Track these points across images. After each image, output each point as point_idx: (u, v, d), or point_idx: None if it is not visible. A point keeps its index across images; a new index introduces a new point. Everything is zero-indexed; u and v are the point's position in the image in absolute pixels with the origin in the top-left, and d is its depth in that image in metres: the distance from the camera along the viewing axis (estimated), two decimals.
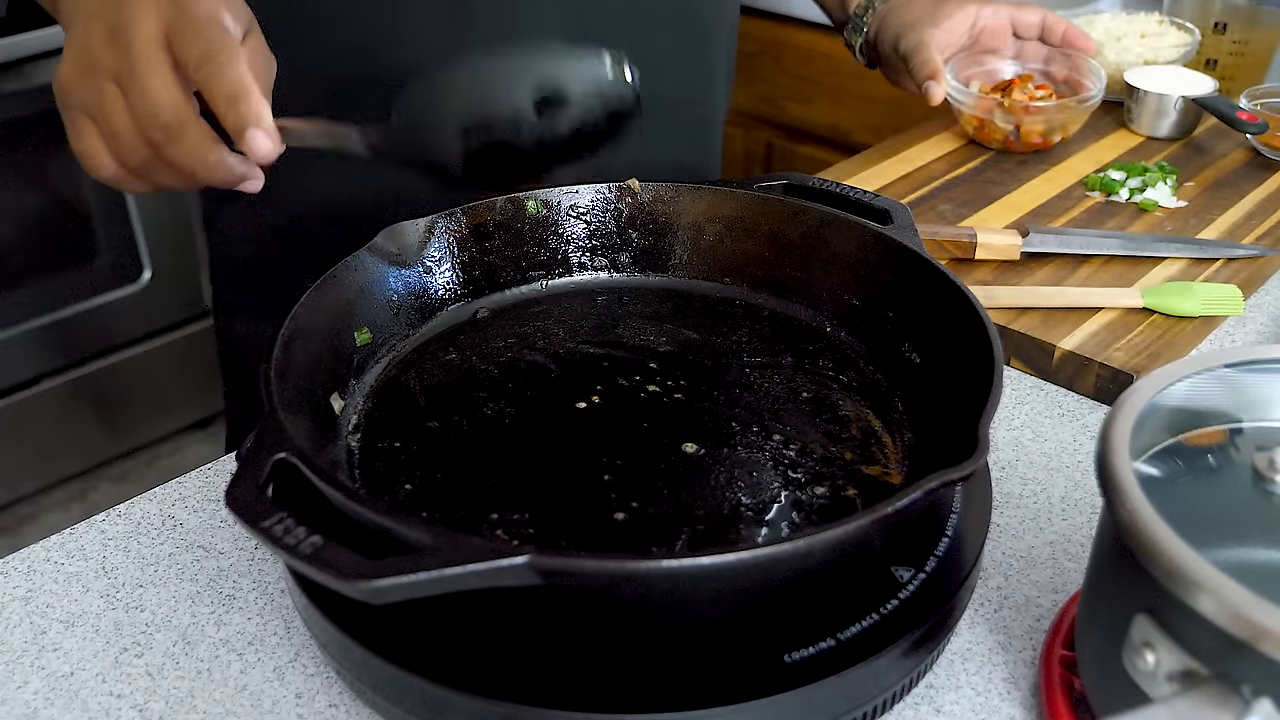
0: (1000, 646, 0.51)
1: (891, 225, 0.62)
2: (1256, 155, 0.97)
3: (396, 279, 0.61)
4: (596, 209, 0.68)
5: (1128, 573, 0.40)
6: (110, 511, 0.59)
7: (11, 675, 0.50)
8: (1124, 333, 0.71)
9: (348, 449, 0.55)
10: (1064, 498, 0.61)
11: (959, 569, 0.48)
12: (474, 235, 0.65)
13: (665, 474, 0.53)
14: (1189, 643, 0.37)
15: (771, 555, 0.40)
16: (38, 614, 0.53)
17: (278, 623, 0.52)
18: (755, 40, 1.70)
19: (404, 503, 0.51)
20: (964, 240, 0.80)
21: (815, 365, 0.61)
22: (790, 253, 0.66)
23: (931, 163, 0.96)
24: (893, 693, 0.45)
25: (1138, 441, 0.42)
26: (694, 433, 0.56)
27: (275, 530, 0.39)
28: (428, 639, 0.44)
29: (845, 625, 0.44)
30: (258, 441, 0.44)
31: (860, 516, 0.40)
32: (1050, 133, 0.96)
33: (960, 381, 0.53)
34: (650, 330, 0.64)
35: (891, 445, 0.55)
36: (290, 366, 0.51)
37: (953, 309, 0.55)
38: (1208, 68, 1.12)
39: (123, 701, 0.49)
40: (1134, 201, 0.89)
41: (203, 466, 0.63)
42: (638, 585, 0.41)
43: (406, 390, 0.59)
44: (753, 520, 0.50)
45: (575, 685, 0.43)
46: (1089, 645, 0.44)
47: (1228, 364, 0.46)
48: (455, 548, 0.38)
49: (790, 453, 0.54)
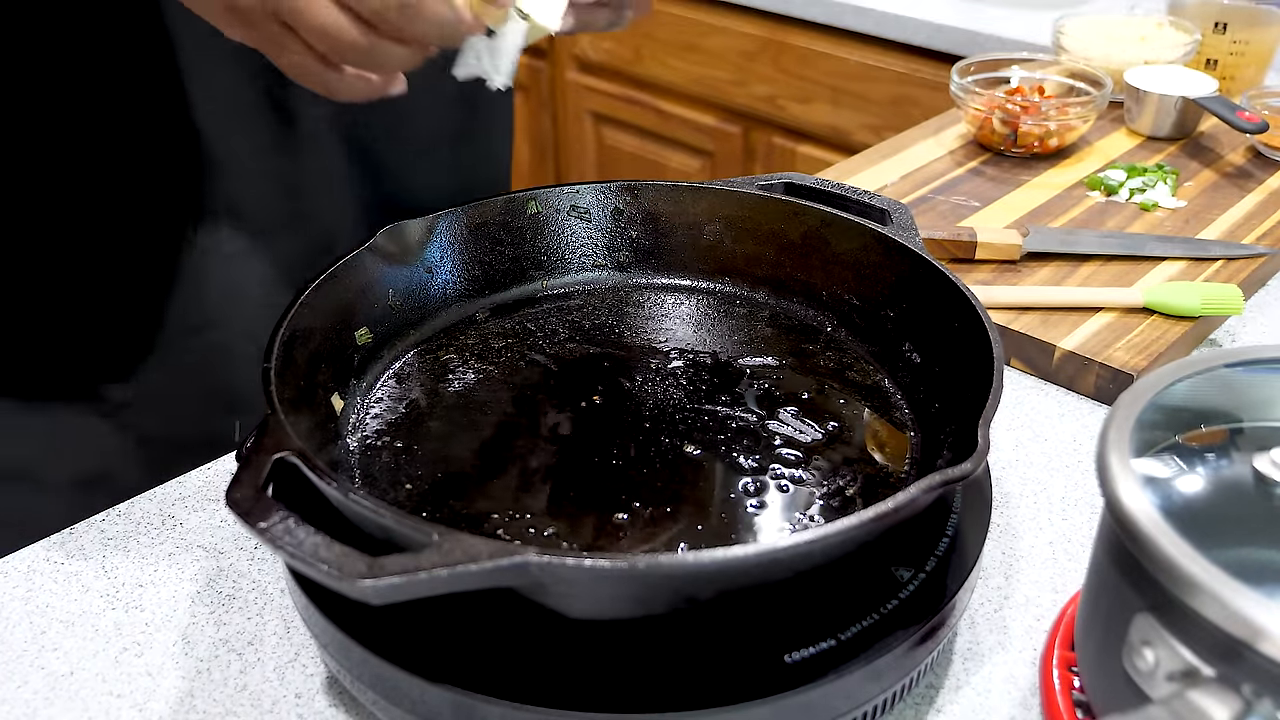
0: (1000, 646, 0.51)
1: (891, 225, 0.62)
2: (1256, 155, 0.97)
3: (397, 279, 0.61)
4: (596, 209, 0.68)
5: (1128, 572, 0.40)
6: (110, 511, 0.59)
7: (11, 675, 0.50)
8: (1124, 333, 0.71)
9: (348, 449, 0.55)
10: (1064, 498, 0.61)
11: (959, 569, 0.48)
12: (474, 235, 0.65)
13: (665, 474, 0.53)
14: (1189, 643, 0.37)
15: (771, 555, 0.40)
16: (38, 614, 0.53)
17: (278, 623, 0.52)
18: (755, 40, 1.70)
19: (404, 503, 0.51)
20: (964, 240, 0.80)
21: (815, 365, 0.61)
22: (790, 253, 0.66)
23: (931, 163, 0.96)
24: (893, 693, 0.45)
25: (1138, 441, 0.42)
26: (694, 433, 0.56)
27: (275, 530, 0.39)
28: (428, 639, 0.44)
29: (845, 625, 0.44)
30: (258, 441, 0.44)
31: (860, 516, 0.40)
32: (1049, 138, 0.96)
33: (960, 381, 0.53)
34: (650, 330, 0.64)
35: (892, 445, 0.55)
36: (290, 366, 0.51)
37: (953, 309, 0.55)
38: (1208, 68, 1.12)
39: (123, 701, 0.49)
40: (1134, 201, 0.89)
41: (203, 467, 0.63)
42: (638, 585, 0.41)
43: (407, 390, 0.59)
44: (753, 520, 0.50)
45: (575, 685, 0.43)
46: (1089, 645, 0.44)
47: (1228, 364, 0.46)
48: (455, 548, 0.38)
49: (790, 453, 0.54)
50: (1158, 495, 0.40)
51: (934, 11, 1.47)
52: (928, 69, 1.48)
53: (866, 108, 1.59)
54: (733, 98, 1.79)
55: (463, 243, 0.65)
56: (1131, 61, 1.05)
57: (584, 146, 2.10)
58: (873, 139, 1.52)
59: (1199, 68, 1.11)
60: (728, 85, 1.78)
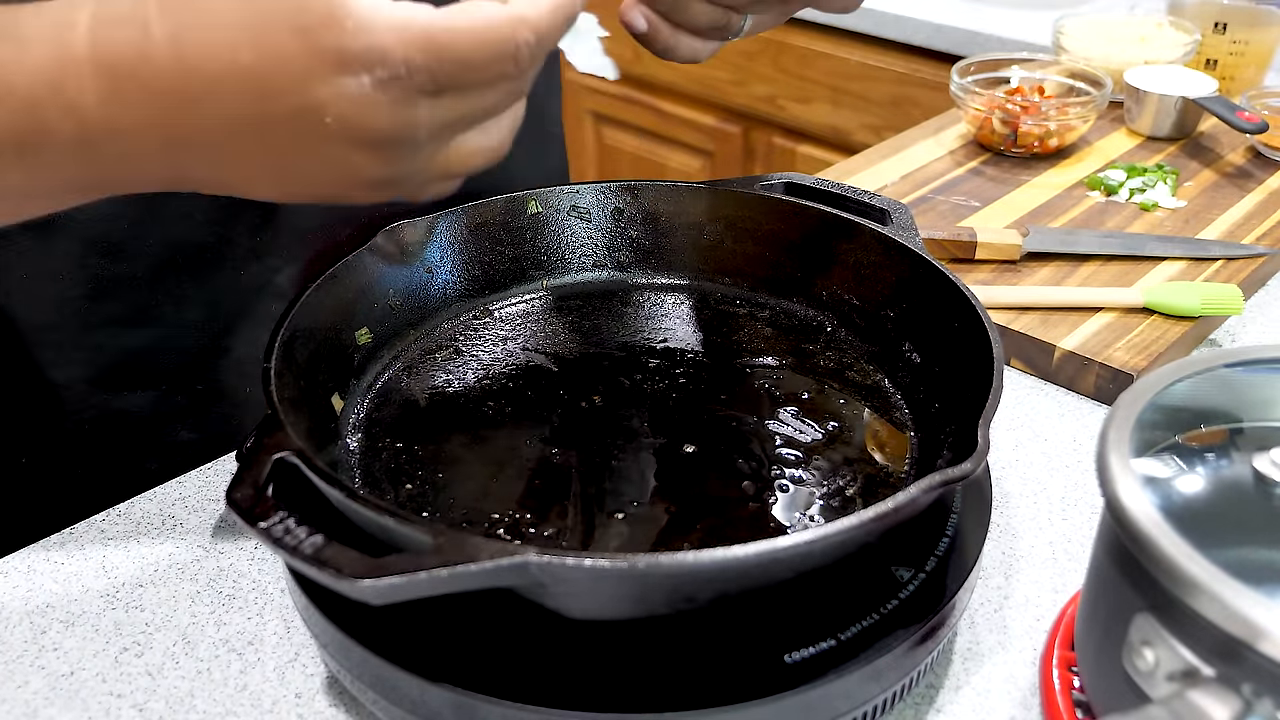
0: (1000, 646, 0.51)
1: (891, 225, 0.62)
2: (1256, 155, 0.97)
3: (397, 279, 0.61)
4: (597, 209, 0.68)
5: (1128, 572, 0.40)
6: (110, 511, 0.59)
7: (11, 675, 0.50)
8: (1124, 333, 0.71)
9: (348, 449, 0.55)
10: (1064, 498, 0.61)
11: (959, 569, 0.48)
12: (474, 235, 0.65)
13: (665, 474, 0.53)
14: (1189, 643, 0.37)
15: (771, 555, 0.40)
16: (38, 614, 0.53)
17: (278, 623, 0.52)
18: (755, 40, 1.70)
19: (404, 503, 0.51)
20: (964, 240, 0.80)
21: (815, 365, 0.61)
22: (790, 253, 0.66)
23: (931, 163, 0.96)
24: (893, 693, 0.45)
25: (1138, 441, 0.42)
26: (694, 433, 0.56)
27: (275, 530, 0.39)
28: (428, 639, 0.44)
29: (845, 625, 0.44)
30: (258, 441, 0.44)
31: (860, 516, 0.40)
32: (1049, 138, 0.96)
33: (960, 381, 0.53)
34: (651, 330, 0.64)
35: (892, 445, 0.55)
36: (290, 366, 0.51)
37: (953, 309, 0.55)
38: (1208, 68, 1.12)
39: (123, 701, 0.49)
40: (1134, 201, 0.89)
41: (203, 467, 0.63)
42: (638, 585, 0.41)
43: (407, 390, 0.59)
44: (753, 520, 0.50)
45: (575, 685, 0.43)
46: (1089, 645, 0.44)
47: (1228, 364, 0.46)
48: (455, 548, 0.38)
49: (790, 453, 0.54)
50: (1158, 495, 0.40)
51: (934, 11, 1.47)
52: (928, 69, 1.48)
53: (866, 108, 1.59)
54: (732, 98, 1.79)
55: (463, 243, 0.65)
56: (1131, 61, 1.05)
57: (584, 146, 2.10)
58: (873, 139, 1.52)
59: (1199, 68, 1.11)
60: (728, 85, 1.78)
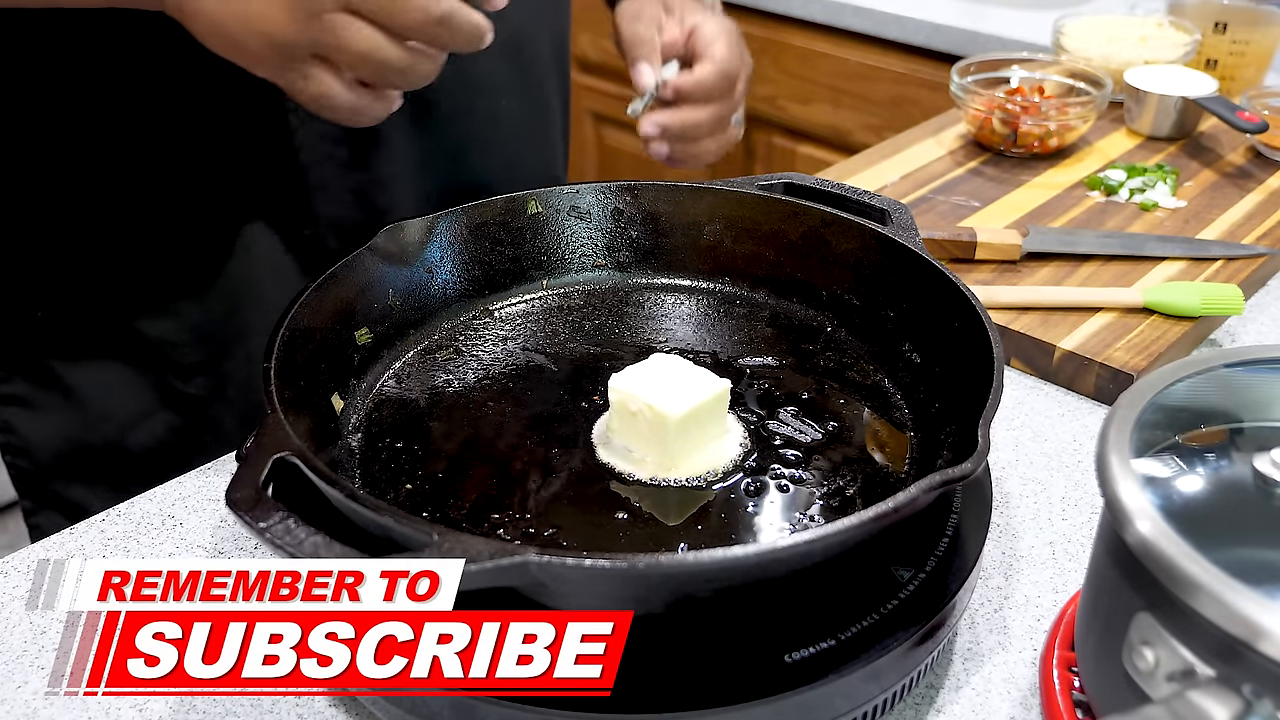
0: (1000, 646, 0.51)
1: (891, 225, 0.62)
2: (1256, 155, 0.97)
3: (396, 279, 0.61)
4: (597, 209, 0.68)
5: (1128, 572, 0.40)
6: (110, 511, 0.59)
7: (11, 675, 0.50)
8: (1124, 333, 0.71)
9: (348, 449, 0.55)
10: (1064, 498, 0.61)
11: (959, 569, 0.48)
12: (474, 235, 0.65)
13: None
14: (1189, 643, 0.37)
15: (771, 555, 0.40)
16: (38, 614, 0.53)
17: None
18: (755, 40, 1.70)
19: (404, 503, 0.51)
20: (964, 240, 0.80)
21: (815, 365, 0.61)
22: (790, 253, 0.66)
23: (931, 163, 0.96)
24: (893, 693, 0.45)
25: (1138, 441, 0.42)
26: None
27: (275, 530, 0.39)
28: None
29: (845, 625, 0.44)
30: (258, 441, 0.44)
31: (860, 516, 0.40)
32: (1049, 138, 0.96)
33: (960, 381, 0.53)
34: (650, 330, 0.64)
35: (892, 445, 0.55)
36: (290, 366, 0.51)
37: (953, 309, 0.55)
38: (1208, 68, 1.12)
39: (123, 701, 0.49)
40: (1134, 201, 0.89)
41: (202, 467, 0.63)
42: (638, 585, 0.41)
43: (407, 390, 0.59)
44: (753, 520, 0.50)
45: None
46: (1089, 645, 0.44)
47: (1228, 364, 0.46)
48: (455, 548, 0.38)
49: (790, 453, 0.54)
50: (1158, 495, 0.40)
51: (934, 11, 1.47)
52: (928, 69, 1.48)
53: (866, 108, 1.59)
54: None
55: (463, 243, 0.65)
56: (1131, 61, 1.05)
57: (584, 146, 2.10)
58: (873, 139, 1.52)
59: (1199, 68, 1.11)
60: None
